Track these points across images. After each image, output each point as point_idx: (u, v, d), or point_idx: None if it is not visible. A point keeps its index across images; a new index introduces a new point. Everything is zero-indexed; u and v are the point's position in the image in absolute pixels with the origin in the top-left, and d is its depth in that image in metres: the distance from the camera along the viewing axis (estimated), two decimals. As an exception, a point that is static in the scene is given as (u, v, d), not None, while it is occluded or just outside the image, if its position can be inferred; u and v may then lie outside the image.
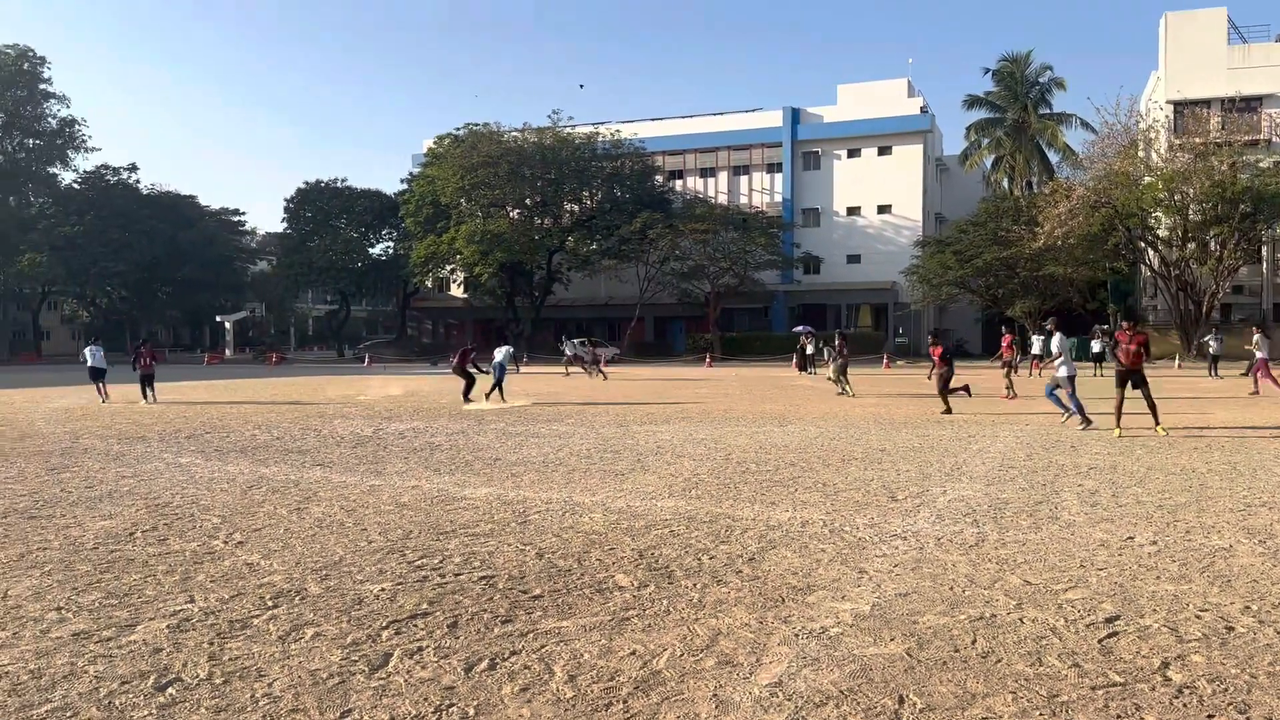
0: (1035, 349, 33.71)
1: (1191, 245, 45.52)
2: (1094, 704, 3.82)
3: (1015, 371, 25.51)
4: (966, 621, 4.88)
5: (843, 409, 17.86)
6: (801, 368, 36.68)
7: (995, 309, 54.06)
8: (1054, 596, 5.35)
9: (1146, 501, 8.28)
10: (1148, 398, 13.29)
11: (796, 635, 4.67)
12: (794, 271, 63.95)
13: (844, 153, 64.73)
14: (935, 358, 17.63)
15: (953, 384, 17.69)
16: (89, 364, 23.86)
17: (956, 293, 55.09)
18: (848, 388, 22.47)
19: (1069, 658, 4.36)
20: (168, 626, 4.87)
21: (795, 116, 65.81)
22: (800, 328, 39.13)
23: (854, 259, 64.08)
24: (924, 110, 63.50)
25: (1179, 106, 50.61)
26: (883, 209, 63.66)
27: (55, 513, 8.10)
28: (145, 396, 22.56)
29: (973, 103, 62.78)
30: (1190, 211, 44.64)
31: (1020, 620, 4.91)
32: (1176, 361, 39.67)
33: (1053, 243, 45.88)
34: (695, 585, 5.63)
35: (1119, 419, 13.41)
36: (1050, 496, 8.57)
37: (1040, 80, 60.63)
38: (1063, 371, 14.64)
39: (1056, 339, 15.29)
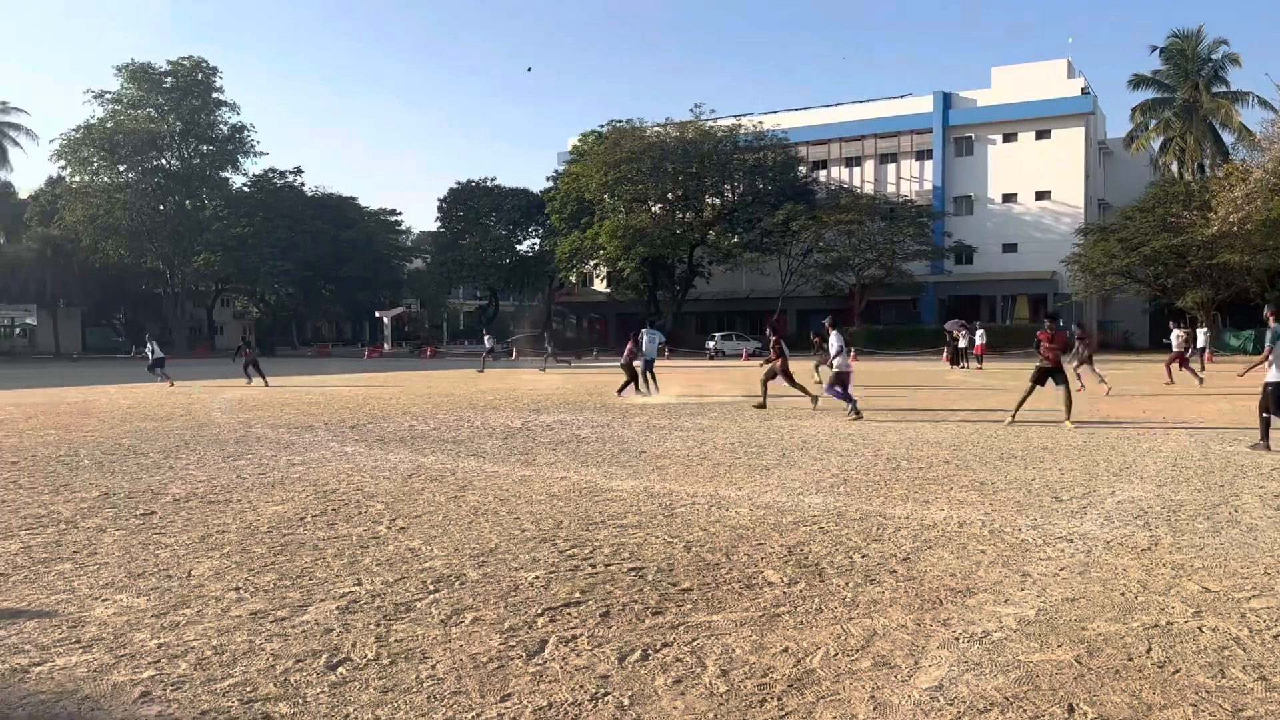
0: (1201, 342, 31.91)
1: (1385, 229, 41.92)
2: (1286, 723, 3.57)
3: (1186, 367, 24.48)
4: (1140, 629, 4.63)
5: (998, 403, 17.21)
6: (953, 361, 35.68)
7: (1164, 299, 51.10)
8: (1236, 605, 5.02)
9: (1340, 506, 7.67)
10: (1067, 393, 13.99)
11: (957, 639, 4.53)
12: (944, 262, 62.01)
13: (999, 137, 62.36)
14: (773, 345, 17.21)
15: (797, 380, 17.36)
16: (151, 356, 28.33)
17: (1121, 282, 52.34)
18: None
19: (1254, 670, 4.09)
20: (337, 608, 5.11)
21: (947, 101, 63.80)
22: (954, 322, 38.01)
23: (1010, 248, 61.71)
24: (1085, 92, 60.52)
25: (1372, 79, 46.54)
26: (1041, 195, 61.06)
27: (232, 498, 8.60)
28: (250, 379, 27.52)
29: (1139, 82, 59.35)
30: (1384, 193, 41.06)
31: (1199, 629, 4.63)
32: None
33: (1228, 229, 42.94)
34: (847, 584, 5.53)
35: (1017, 410, 14.51)
36: (1229, 499, 8.04)
37: (1213, 57, 56.80)
38: (836, 364, 15.76)
39: (834, 336, 15.93)
